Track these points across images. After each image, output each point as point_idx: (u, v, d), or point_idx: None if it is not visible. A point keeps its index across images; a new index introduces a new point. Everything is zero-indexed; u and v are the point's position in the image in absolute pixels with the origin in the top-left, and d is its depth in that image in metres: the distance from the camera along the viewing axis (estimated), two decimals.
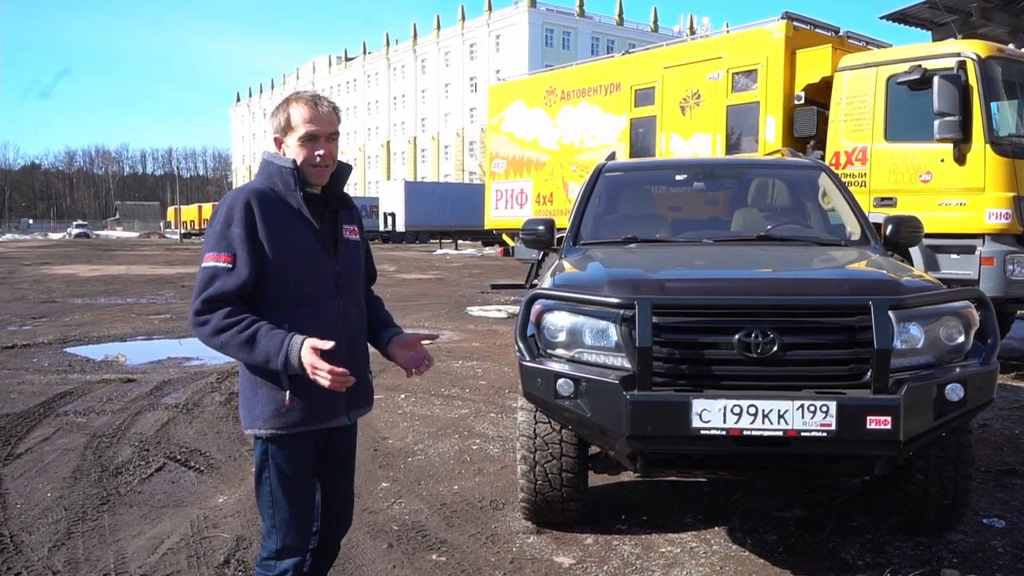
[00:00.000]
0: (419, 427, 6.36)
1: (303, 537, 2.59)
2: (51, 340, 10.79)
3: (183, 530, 4.24)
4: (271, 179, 2.54)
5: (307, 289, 2.53)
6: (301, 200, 2.53)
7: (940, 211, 8.29)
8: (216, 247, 2.43)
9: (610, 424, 3.40)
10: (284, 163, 2.53)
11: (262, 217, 2.45)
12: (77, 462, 5.37)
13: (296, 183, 2.51)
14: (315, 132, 2.53)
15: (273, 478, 2.53)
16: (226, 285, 2.41)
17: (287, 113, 2.54)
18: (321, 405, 2.53)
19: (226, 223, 2.44)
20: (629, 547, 4.04)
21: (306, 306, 2.51)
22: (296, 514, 2.56)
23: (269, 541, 2.58)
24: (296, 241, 2.51)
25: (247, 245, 2.42)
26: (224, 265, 2.41)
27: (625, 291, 3.55)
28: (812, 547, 4.04)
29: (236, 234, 2.42)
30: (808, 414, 3.22)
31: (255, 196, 2.47)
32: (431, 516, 4.47)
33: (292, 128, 2.53)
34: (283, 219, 2.50)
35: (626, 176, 6.04)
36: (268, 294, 2.47)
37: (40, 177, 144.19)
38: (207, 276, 2.42)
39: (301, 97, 2.56)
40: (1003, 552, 3.96)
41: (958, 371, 3.42)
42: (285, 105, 2.56)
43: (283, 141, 2.56)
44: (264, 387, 2.48)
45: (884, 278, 3.80)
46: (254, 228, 2.43)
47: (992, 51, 8.41)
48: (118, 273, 25.05)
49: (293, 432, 2.51)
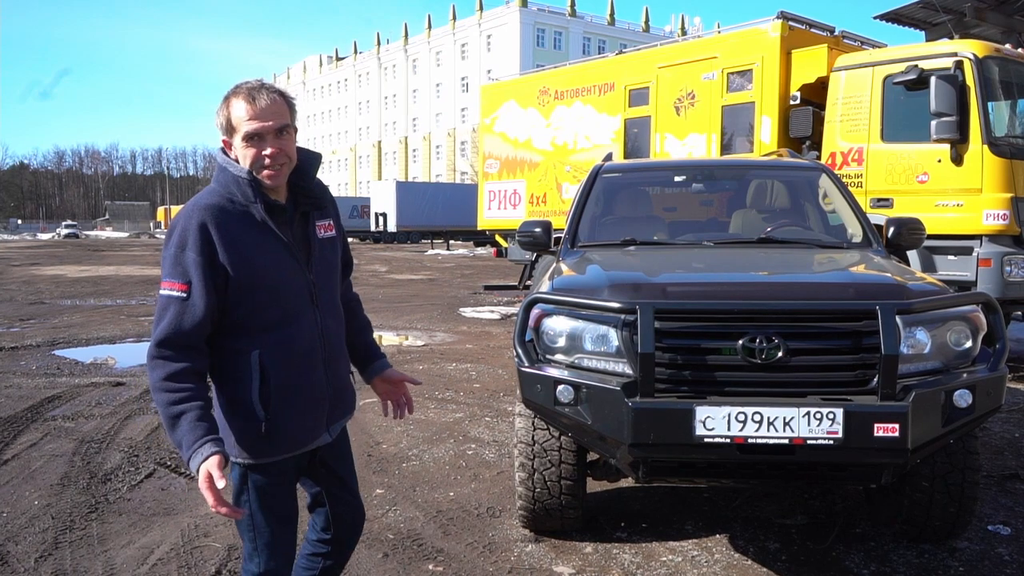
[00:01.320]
0: (413, 432, 6.27)
1: (287, 561, 2.47)
2: (39, 342, 10.66)
3: (173, 539, 4.15)
4: (228, 189, 2.26)
5: (279, 310, 2.30)
6: (264, 212, 2.27)
7: (937, 212, 8.24)
8: (171, 273, 2.19)
9: (611, 432, 3.32)
10: (239, 172, 2.25)
11: (220, 238, 2.19)
12: (65, 468, 5.27)
13: (255, 194, 2.25)
14: (258, 129, 2.23)
15: (253, 502, 2.36)
16: (183, 324, 2.17)
17: (227, 111, 2.26)
18: (300, 430, 2.38)
19: (180, 246, 2.19)
20: (629, 556, 3.96)
21: (277, 329, 2.29)
22: (278, 538, 2.41)
23: (251, 564, 2.42)
24: (263, 259, 2.26)
25: (203, 272, 2.17)
26: (178, 294, 2.17)
27: (626, 295, 3.47)
28: (815, 555, 3.97)
29: (191, 260, 2.17)
30: (814, 421, 3.14)
31: (210, 214, 2.20)
32: (427, 524, 4.39)
33: (234, 128, 2.25)
34: (245, 236, 2.24)
35: (624, 177, 5.96)
36: (235, 319, 2.25)
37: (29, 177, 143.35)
38: (161, 307, 2.20)
39: (239, 91, 2.25)
40: (1010, 560, 3.90)
41: (966, 377, 3.36)
42: (224, 102, 2.26)
43: (230, 144, 2.28)
44: (238, 417, 2.28)
45: (890, 282, 3.74)
46: (212, 252, 2.18)
47: (989, 51, 8.36)
48: (107, 274, 24.87)
49: (268, 461, 2.35)
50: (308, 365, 2.37)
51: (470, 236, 43.72)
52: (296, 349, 2.32)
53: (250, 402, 2.26)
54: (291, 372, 2.32)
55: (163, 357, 2.18)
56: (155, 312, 2.23)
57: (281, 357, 2.29)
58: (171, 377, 2.17)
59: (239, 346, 2.26)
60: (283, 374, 2.29)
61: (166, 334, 2.18)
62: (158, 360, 2.18)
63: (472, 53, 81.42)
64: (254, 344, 2.26)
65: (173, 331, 2.18)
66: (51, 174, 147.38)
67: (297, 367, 2.33)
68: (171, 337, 2.18)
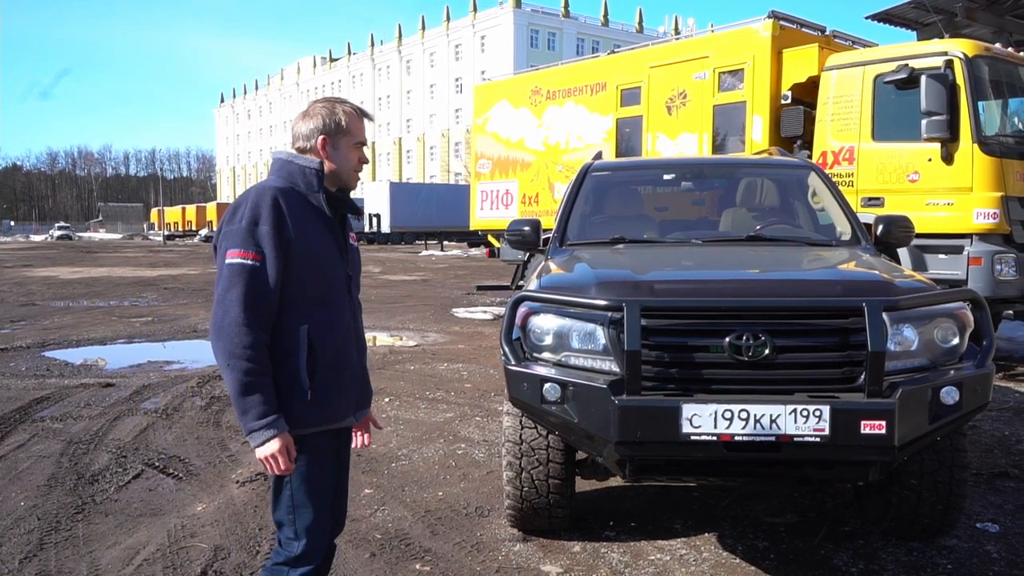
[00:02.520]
0: (403, 431, 6.25)
1: (323, 540, 2.59)
2: (29, 344, 10.61)
3: (160, 540, 4.12)
4: (291, 178, 2.53)
5: (325, 290, 2.53)
6: (323, 200, 2.53)
7: (928, 211, 8.25)
8: (243, 244, 2.37)
9: (598, 430, 3.31)
10: (309, 163, 2.53)
11: (289, 214, 2.43)
12: (52, 469, 5.24)
13: (319, 184, 2.52)
14: (365, 140, 2.65)
15: (295, 482, 2.50)
16: (259, 292, 2.36)
17: (339, 117, 2.57)
18: (341, 403, 2.58)
19: (252, 220, 2.39)
20: (617, 555, 3.95)
21: (324, 307, 2.52)
22: (319, 517, 2.55)
23: (289, 547, 2.53)
24: (318, 241, 2.51)
25: (275, 243, 2.38)
26: (252, 263, 2.36)
27: (613, 293, 3.46)
28: (804, 553, 3.96)
29: (264, 232, 2.38)
30: (801, 418, 3.13)
31: (281, 194, 2.45)
32: (415, 524, 4.37)
33: (346, 132, 2.57)
34: (307, 217, 2.48)
35: (613, 176, 5.95)
36: (288, 293, 2.44)
37: (22, 178, 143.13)
38: (232, 275, 2.35)
39: (347, 104, 2.62)
40: (998, 557, 3.90)
41: (953, 374, 3.35)
42: (332, 108, 2.58)
43: (330, 142, 2.56)
44: (285, 389, 2.43)
45: (877, 279, 3.73)
46: (283, 225, 2.40)
47: (979, 50, 8.38)
48: (100, 275, 24.81)
49: (313, 432, 2.49)
50: (345, 347, 2.59)
51: (464, 237, 43.69)
52: (337, 330, 2.54)
53: (297, 373, 2.43)
54: (333, 349, 2.52)
55: (248, 324, 2.33)
56: (220, 281, 2.37)
57: (326, 334, 2.49)
58: (253, 346, 2.33)
59: (288, 322, 2.44)
60: (327, 350, 2.49)
61: (249, 302, 2.34)
62: (243, 327, 2.33)
63: (466, 54, 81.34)
64: (302, 320, 2.45)
65: (254, 299, 2.35)
66: (44, 175, 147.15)
67: (337, 346, 2.54)
68: (254, 305, 2.35)
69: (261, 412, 2.34)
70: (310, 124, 2.56)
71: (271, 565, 2.57)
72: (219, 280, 2.39)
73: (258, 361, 2.34)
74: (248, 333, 2.32)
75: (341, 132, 2.57)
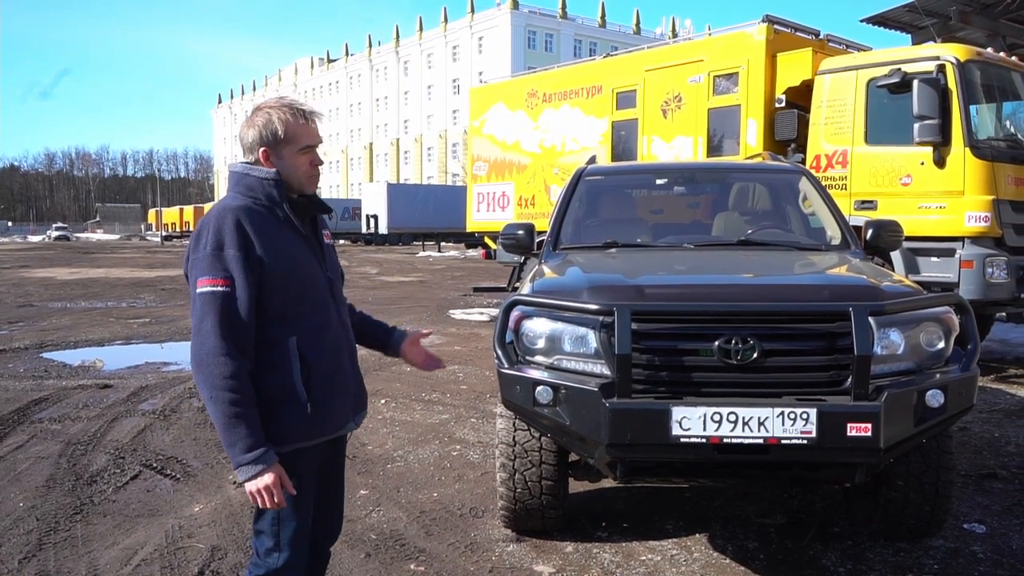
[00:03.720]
0: (399, 433, 6.30)
1: (304, 551, 2.53)
2: (27, 345, 10.65)
3: (157, 540, 4.17)
4: (251, 192, 2.42)
5: (309, 300, 2.46)
6: (288, 211, 2.44)
7: (920, 214, 8.32)
8: (210, 270, 2.28)
9: (589, 432, 3.36)
10: (265, 175, 2.42)
11: (254, 232, 2.33)
12: (51, 470, 5.28)
13: (281, 195, 2.42)
14: (314, 143, 2.50)
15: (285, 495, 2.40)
16: (234, 318, 2.28)
17: (274, 126, 2.42)
18: (339, 411, 2.54)
19: (217, 245, 2.30)
20: (609, 555, 4.00)
21: (309, 319, 2.45)
22: (301, 529, 2.49)
23: (268, 559, 2.46)
24: (291, 251, 2.43)
25: (243, 267, 2.29)
26: (222, 289, 2.27)
27: (604, 297, 3.51)
28: (793, 553, 4.02)
29: (231, 255, 2.29)
30: (788, 421, 3.18)
31: (242, 212, 2.35)
32: (410, 524, 4.43)
33: (286, 140, 2.43)
34: (275, 230, 2.40)
35: (606, 180, 6.01)
36: (273, 310, 2.37)
37: (19, 179, 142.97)
38: (205, 304, 2.27)
39: (288, 107, 2.46)
40: (984, 557, 3.95)
41: (938, 377, 3.40)
42: (268, 116, 2.44)
43: (272, 152, 2.43)
44: (281, 403, 2.37)
45: (864, 283, 3.79)
46: (249, 246, 2.31)
47: (971, 54, 8.45)
48: (98, 276, 24.82)
49: (311, 444, 2.46)
50: (336, 353, 2.53)
51: (461, 238, 43.69)
52: (326, 336, 2.49)
53: (292, 387, 2.37)
54: (324, 357, 2.47)
55: (227, 354, 2.26)
56: (194, 312, 2.30)
57: (315, 343, 2.44)
58: (235, 375, 2.26)
59: (275, 336, 2.37)
60: (318, 359, 2.44)
61: (224, 330, 2.26)
62: (221, 357, 2.25)
63: (463, 55, 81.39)
64: (290, 332, 2.39)
65: (229, 326, 2.27)
66: (41, 176, 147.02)
67: (328, 354, 2.49)
68: (230, 333, 2.27)
69: (249, 445, 2.25)
70: (250, 135, 2.45)
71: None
72: (193, 310, 2.31)
73: (241, 391, 2.26)
74: (228, 363, 2.25)
75: (281, 141, 2.43)
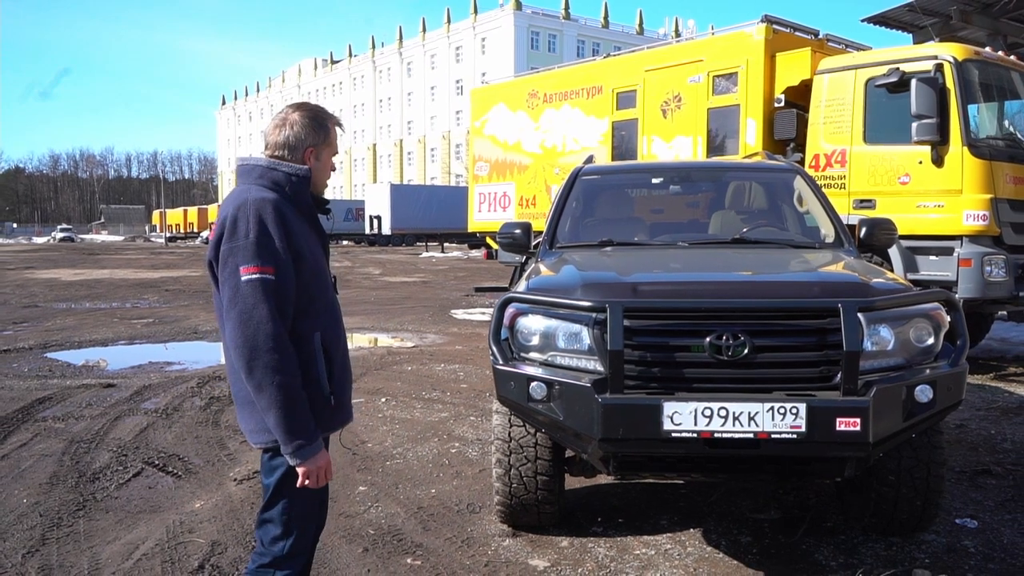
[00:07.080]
0: (399, 431, 6.35)
1: (309, 539, 2.63)
2: (32, 345, 10.72)
3: (159, 536, 4.23)
4: (278, 186, 2.48)
5: (326, 295, 2.56)
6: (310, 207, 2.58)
7: (918, 213, 8.36)
8: (257, 258, 2.31)
9: (582, 427, 3.41)
10: (297, 170, 2.51)
11: (290, 224, 2.41)
12: (54, 468, 5.34)
13: (308, 192, 2.55)
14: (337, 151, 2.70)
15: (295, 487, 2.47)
16: (282, 305, 2.34)
17: (328, 130, 2.60)
18: (348, 405, 2.67)
19: (262, 233, 2.34)
20: (604, 549, 4.05)
21: (326, 313, 2.54)
22: (310, 516, 2.60)
23: (274, 547, 2.53)
24: (313, 248, 2.52)
25: (286, 257, 2.36)
26: (271, 277, 2.32)
27: (597, 294, 3.56)
28: (786, 548, 4.06)
29: (277, 245, 2.35)
30: (778, 416, 3.23)
31: (279, 202, 2.42)
32: (407, 520, 4.48)
33: (329, 145, 2.61)
34: (300, 225, 2.48)
35: (603, 179, 6.06)
36: (300, 303, 2.43)
37: (24, 181, 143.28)
38: (252, 291, 2.29)
39: (333, 115, 2.66)
40: (975, 552, 3.99)
41: (927, 372, 3.45)
42: (324, 121, 2.60)
43: (315, 152, 2.57)
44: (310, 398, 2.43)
45: (854, 280, 3.83)
46: (289, 237, 2.39)
47: (969, 54, 8.48)
48: (102, 277, 24.92)
49: (326, 435, 2.58)
50: (344, 347, 2.66)
51: (464, 238, 43.77)
52: (340, 332, 2.62)
53: (318, 380, 2.47)
54: (338, 351, 2.59)
55: (285, 339, 2.33)
56: (238, 300, 2.31)
57: (333, 339, 2.55)
58: (293, 360, 2.34)
59: (303, 330, 2.45)
60: (336, 354, 2.57)
61: (277, 316, 2.32)
62: (282, 342, 2.31)
63: (466, 56, 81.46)
64: (315, 327, 2.48)
65: (281, 313, 2.34)
66: (46, 178, 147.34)
67: (340, 348, 2.62)
68: (283, 319, 2.34)
69: (311, 427, 2.36)
70: (297, 133, 2.54)
71: (254, 568, 2.55)
72: (234, 299, 2.31)
73: (298, 376, 2.34)
74: (287, 348, 2.31)
75: (322, 143, 2.58)
